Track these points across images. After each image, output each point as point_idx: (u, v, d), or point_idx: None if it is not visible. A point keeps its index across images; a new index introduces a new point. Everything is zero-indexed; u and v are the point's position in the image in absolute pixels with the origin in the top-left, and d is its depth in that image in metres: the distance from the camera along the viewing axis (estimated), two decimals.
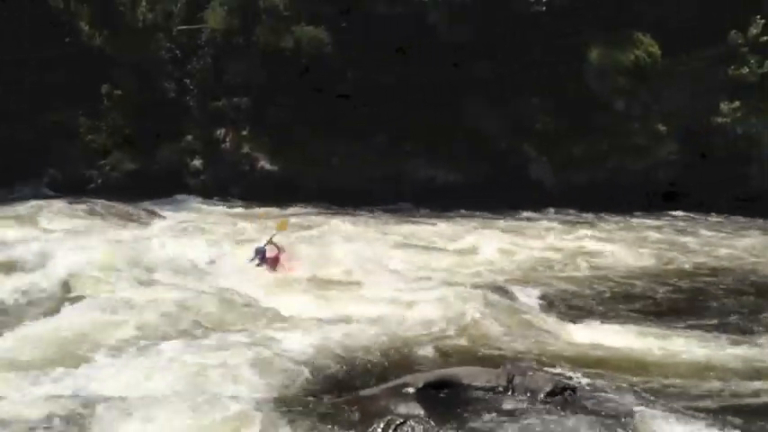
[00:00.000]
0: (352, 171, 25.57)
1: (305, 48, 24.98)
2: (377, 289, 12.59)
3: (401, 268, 14.54)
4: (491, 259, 16.43)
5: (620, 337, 10.93)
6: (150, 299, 10.67)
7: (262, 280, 12.91)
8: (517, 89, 28.15)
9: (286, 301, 11.59)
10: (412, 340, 10.08)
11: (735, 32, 29.73)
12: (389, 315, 11.07)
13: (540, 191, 27.27)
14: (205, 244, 15.88)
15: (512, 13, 27.65)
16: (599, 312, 12.43)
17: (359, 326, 10.47)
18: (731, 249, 19.86)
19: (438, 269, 15.01)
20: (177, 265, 13.57)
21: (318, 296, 12.13)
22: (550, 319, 11.64)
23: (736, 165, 29.87)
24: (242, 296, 11.58)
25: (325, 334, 9.86)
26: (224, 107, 25.56)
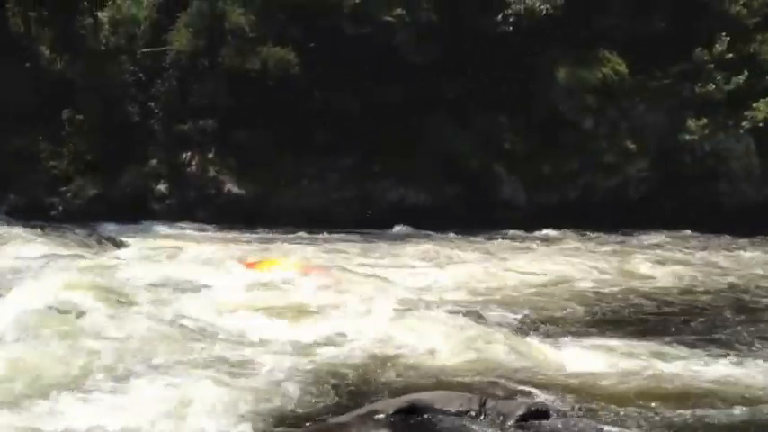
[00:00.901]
0: (321, 192, 25.35)
1: (271, 69, 24.75)
2: (346, 312, 12.27)
3: (371, 291, 14.22)
4: (463, 280, 16.20)
5: (595, 358, 10.78)
6: (115, 329, 10.27)
7: (229, 304, 12.55)
8: (485, 108, 28.11)
9: (254, 325, 11.31)
10: (383, 365, 9.83)
11: (700, 50, 30.06)
12: (359, 339, 10.82)
13: (512, 210, 27.18)
14: (171, 270, 15.55)
15: (479, 32, 27.67)
16: (574, 333, 12.21)
17: (328, 350, 10.22)
18: (704, 266, 19.89)
19: (409, 291, 14.73)
20: (142, 292, 13.17)
21: (287, 320, 11.81)
22: (525, 340, 11.45)
23: (706, 182, 30.12)
24: (209, 322, 11.24)
25: (295, 359, 9.54)
26: (189, 130, 25.21)
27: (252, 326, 11.46)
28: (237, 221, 23.34)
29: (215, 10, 25.01)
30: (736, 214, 29.92)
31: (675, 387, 9.58)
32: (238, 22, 24.90)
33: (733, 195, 30.45)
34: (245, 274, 15.27)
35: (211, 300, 12.92)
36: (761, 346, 11.87)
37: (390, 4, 25.87)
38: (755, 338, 12.33)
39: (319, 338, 10.85)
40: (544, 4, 27.48)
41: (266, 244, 20.05)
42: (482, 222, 25.47)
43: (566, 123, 28.57)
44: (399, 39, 25.85)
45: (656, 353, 11.15)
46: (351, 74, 25.85)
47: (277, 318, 12.04)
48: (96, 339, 9.77)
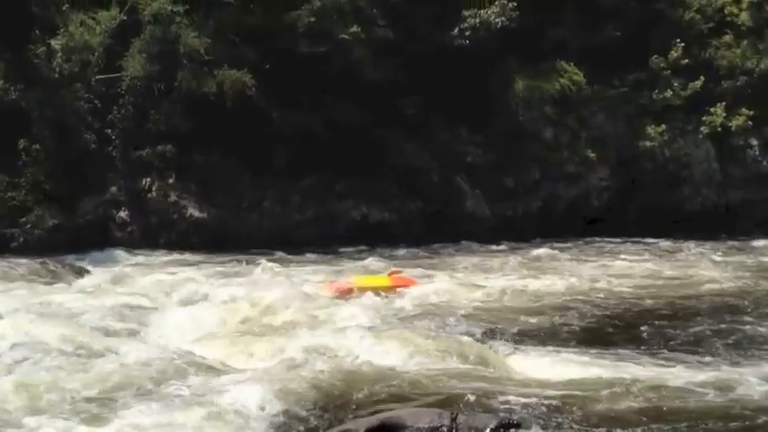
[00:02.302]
0: (284, 214, 25.12)
1: (228, 91, 24.53)
2: (314, 333, 12.14)
3: (334, 311, 14.07)
4: (431, 294, 16.16)
5: (564, 368, 10.76)
6: (81, 362, 10.05)
7: (197, 332, 12.33)
8: (446, 122, 28.15)
9: (224, 352, 11.29)
10: (353, 383, 9.80)
11: (656, 57, 30.40)
12: (328, 359, 10.71)
13: (476, 223, 27.14)
14: (135, 298, 15.30)
15: (436, 46, 27.70)
16: (542, 344, 12.23)
17: (297, 371, 10.12)
18: (669, 272, 20.00)
19: (376, 308, 14.60)
20: (107, 322, 12.93)
21: (255, 343, 11.69)
22: (493, 352, 11.45)
23: (668, 188, 30.36)
24: (178, 350, 11.16)
25: (265, 383, 9.52)
26: (148, 156, 24.85)
27: (219, 350, 11.35)
28: (201, 246, 23.08)
29: (169, 34, 24.71)
30: (698, 219, 30.21)
31: (643, 396, 9.58)
32: (193, 46, 24.61)
33: (695, 200, 30.72)
34: (329, 297, 15.70)
35: (178, 327, 12.76)
36: (725, 352, 11.93)
37: (346, 21, 25.82)
38: (722, 345, 12.40)
39: (286, 359, 10.73)
40: (499, 17, 27.60)
41: (231, 268, 19.85)
42: (446, 236, 25.42)
43: (526, 134, 28.70)
44: (356, 56, 25.78)
45: (621, 361, 11.15)
46: (309, 93, 25.75)
47: (244, 341, 11.90)
48: (67, 374, 9.60)
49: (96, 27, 24.97)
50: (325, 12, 25.69)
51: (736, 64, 30.89)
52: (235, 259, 21.10)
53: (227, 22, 25.68)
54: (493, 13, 27.67)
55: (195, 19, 25.24)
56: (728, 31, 31.55)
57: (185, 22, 24.92)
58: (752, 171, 31.11)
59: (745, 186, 31.15)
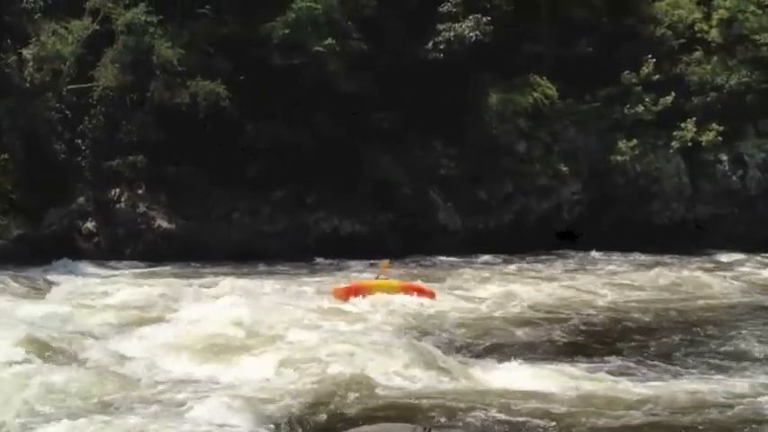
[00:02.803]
0: (253, 225, 24.98)
1: (201, 102, 24.43)
2: (280, 347, 12.09)
3: (305, 324, 14.01)
4: (400, 308, 16.09)
5: (534, 380, 10.80)
6: (42, 378, 9.93)
7: (164, 347, 12.21)
8: (419, 135, 28.19)
9: (192, 366, 11.24)
10: (322, 399, 9.81)
11: (628, 72, 30.63)
12: (294, 374, 10.67)
13: (448, 236, 27.16)
14: (98, 311, 15.11)
15: (410, 60, 27.78)
16: (512, 357, 12.28)
17: (262, 386, 10.10)
18: (639, 286, 20.15)
19: (343, 321, 14.58)
20: (69, 336, 12.78)
21: (220, 358, 11.64)
22: (464, 365, 11.49)
23: (639, 202, 30.56)
24: (148, 363, 11.13)
25: (230, 397, 9.57)
26: (118, 166, 24.64)
27: (188, 365, 11.27)
28: (168, 258, 22.86)
29: (142, 45, 24.61)
30: (668, 233, 30.43)
31: (610, 408, 9.65)
32: (166, 56, 24.50)
33: (664, 215, 30.94)
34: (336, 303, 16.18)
35: (149, 340, 12.64)
36: (694, 364, 12.02)
37: (320, 34, 25.79)
38: (689, 357, 12.50)
39: (256, 374, 10.66)
40: (473, 32, 27.71)
41: (199, 279, 19.70)
42: (419, 249, 25.42)
43: (499, 147, 28.78)
44: (330, 68, 25.76)
45: (599, 374, 11.22)
46: (283, 105, 25.69)
47: (209, 356, 11.81)
48: (31, 384, 9.51)
49: (68, 36, 24.81)
50: (300, 24, 25.67)
51: (707, 80, 31.16)
52: (203, 271, 20.97)
53: (201, 32, 25.63)
54: (467, 27, 27.79)
55: (169, 29, 25.18)
56: (699, 48, 31.84)
57: (159, 32, 24.86)
58: (721, 186, 31.37)
59: (714, 201, 31.41)
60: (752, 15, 31.30)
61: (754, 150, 32.02)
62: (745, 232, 31.17)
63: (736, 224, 31.37)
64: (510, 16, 29.71)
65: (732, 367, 11.84)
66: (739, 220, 31.42)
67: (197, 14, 26.11)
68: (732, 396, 10.18)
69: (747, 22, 31.27)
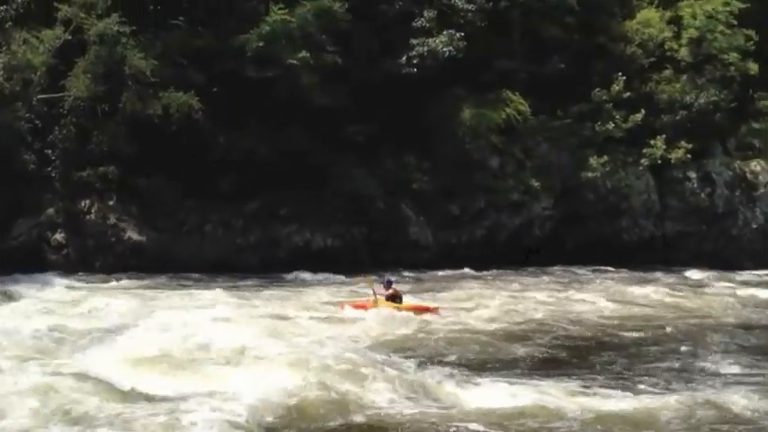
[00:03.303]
0: (226, 238, 24.84)
1: (174, 114, 24.28)
2: (248, 362, 11.94)
3: (275, 339, 13.89)
4: (370, 324, 16.04)
5: (507, 397, 10.76)
6: (8, 389, 9.75)
7: (126, 360, 12.04)
8: (392, 149, 28.25)
9: (154, 381, 11.00)
10: (293, 419, 9.65)
11: (599, 90, 30.96)
12: (263, 388, 10.52)
13: (420, 251, 27.19)
14: (64, 322, 14.91)
15: (384, 73, 27.86)
16: (484, 373, 12.25)
17: (231, 404, 9.90)
18: (608, 302, 20.23)
19: (314, 337, 14.48)
20: (37, 348, 12.59)
21: (180, 373, 11.45)
22: (436, 382, 11.38)
23: (609, 219, 30.83)
24: (107, 377, 10.90)
25: (189, 414, 9.33)
26: (89, 177, 24.43)
27: (151, 380, 11.10)
28: (139, 270, 22.64)
29: (114, 55, 24.41)
30: (636, 249, 30.76)
31: (580, 424, 9.68)
32: (139, 67, 24.33)
33: (633, 231, 31.24)
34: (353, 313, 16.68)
35: (111, 352, 12.47)
36: (663, 381, 12.09)
37: (294, 47, 25.79)
38: (646, 372, 12.60)
39: (219, 391, 10.51)
40: (447, 47, 27.87)
41: (168, 291, 19.54)
42: (391, 263, 25.37)
43: (472, 163, 28.91)
44: (304, 82, 25.74)
45: (572, 391, 11.21)
46: (256, 118, 25.62)
47: (170, 370, 11.67)
48: None
49: (39, 46, 24.53)
50: (274, 37, 25.66)
51: (676, 98, 31.64)
52: (174, 284, 20.79)
53: (174, 44, 25.50)
54: (441, 43, 27.95)
55: (142, 40, 25.01)
56: (668, 66, 32.36)
57: (131, 42, 24.67)
58: (689, 203, 31.80)
59: (682, 218, 31.82)
60: (720, 35, 31.86)
61: (721, 169, 32.55)
62: (712, 250, 31.63)
63: (704, 242, 31.81)
64: (483, 32, 29.95)
65: (708, 384, 11.93)
66: (707, 238, 31.86)
67: (170, 26, 26.00)
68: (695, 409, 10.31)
69: (716, 41, 31.82)
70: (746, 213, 32.36)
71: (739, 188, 32.49)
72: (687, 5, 32.82)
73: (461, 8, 29.17)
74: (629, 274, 26.79)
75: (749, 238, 32.19)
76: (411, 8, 28.82)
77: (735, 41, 31.88)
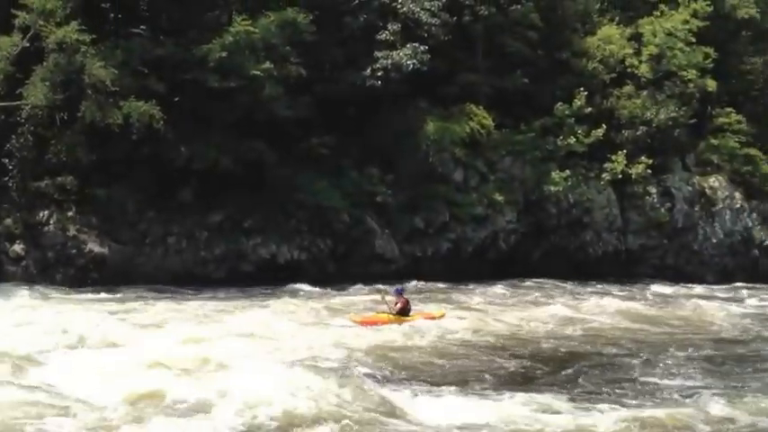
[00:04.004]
0: (190, 250, 24.40)
1: (135, 123, 23.78)
2: (207, 378, 11.65)
3: (235, 352, 13.62)
4: (334, 337, 15.85)
5: (457, 409, 10.69)
6: None
7: (90, 373, 11.68)
8: (357, 162, 28.12)
9: (111, 395, 10.60)
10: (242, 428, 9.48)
11: (561, 104, 31.21)
12: (224, 402, 10.28)
13: (385, 264, 27.05)
14: (21, 336, 14.44)
15: (348, 86, 27.74)
16: (446, 387, 12.14)
17: (186, 421, 9.60)
18: (574, 316, 20.29)
19: (274, 350, 14.27)
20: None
21: (144, 388, 11.09)
22: (396, 396, 11.22)
23: (572, 232, 31.04)
24: (63, 392, 10.62)
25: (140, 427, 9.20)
26: (47, 187, 23.84)
27: (111, 391, 10.78)
28: (101, 283, 22.14)
29: (74, 63, 23.85)
30: (600, 263, 31.00)
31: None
32: (99, 76, 23.79)
33: (597, 245, 31.47)
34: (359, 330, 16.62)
35: (69, 368, 12.10)
36: (612, 394, 12.09)
37: (257, 58, 25.51)
38: (613, 387, 12.58)
39: (175, 407, 10.22)
40: (411, 60, 27.84)
41: (129, 304, 19.09)
42: (356, 276, 25.20)
43: (436, 176, 28.90)
44: (268, 93, 25.44)
45: (529, 405, 11.11)
46: (219, 128, 25.26)
47: (130, 380, 11.35)
48: None
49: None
50: (237, 47, 25.33)
51: (637, 114, 32.05)
52: (136, 297, 20.33)
53: (135, 52, 25.00)
54: (405, 55, 27.90)
55: (102, 48, 24.47)
56: (629, 82, 32.79)
57: (91, 51, 24.12)
58: (650, 218, 32.16)
59: (644, 232, 32.16)
60: (680, 52, 32.38)
61: (681, 184, 33.03)
62: (674, 264, 32.03)
63: (666, 256, 32.18)
64: (447, 46, 30.03)
65: (666, 397, 11.95)
66: (668, 252, 32.24)
67: (131, 34, 25.58)
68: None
69: (675, 58, 32.33)
70: (706, 228, 32.85)
71: (698, 203, 32.98)
72: (647, 23, 33.33)
73: (425, 22, 29.16)
74: (592, 288, 26.97)
75: (710, 252, 32.66)
76: (375, 21, 28.74)
77: (694, 58, 32.41)
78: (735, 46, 36.48)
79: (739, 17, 35.24)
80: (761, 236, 33.56)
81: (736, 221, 33.27)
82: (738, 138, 33.86)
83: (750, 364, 14.92)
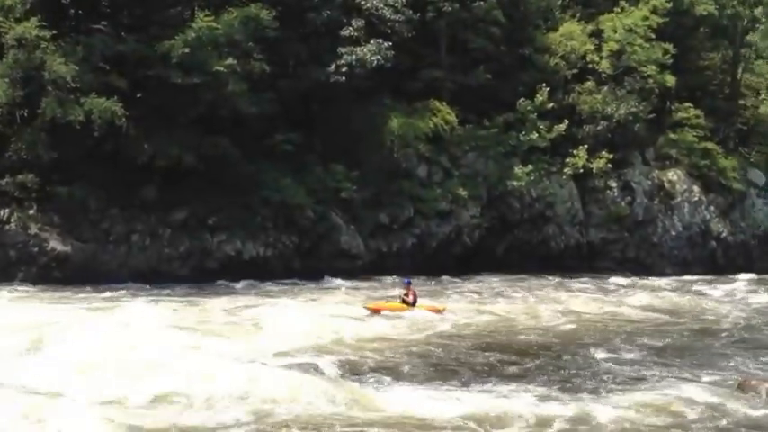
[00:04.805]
0: (153, 248, 24.23)
1: (96, 120, 23.55)
2: (164, 373, 11.61)
3: (197, 347, 13.61)
4: (296, 330, 15.88)
5: (424, 401, 10.79)
6: None
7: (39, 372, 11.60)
8: (322, 158, 28.13)
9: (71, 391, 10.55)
10: (210, 424, 9.48)
11: (523, 100, 31.47)
12: (180, 398, 10.28)
13: (351, 259, 27.10)
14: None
15: (312, 82, 27.73)
16: (405, 378, 12.27)
17: (141, 411, 9.60)
18: (539, 308, 20.54)
19: (238, 343, 14.29)
20: None
21: (98, 383, 11.06)
22: (357, 387, 11.31)
23: (535, 226, 31.36)
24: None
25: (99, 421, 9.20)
26: (7, 185, 23.51)
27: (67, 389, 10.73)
28: (64, 281, 21.88)
29: (33, 60, 23.58)
30: (563, 256, 31.38)
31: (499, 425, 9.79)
32: (59, 72, 23.52)
33: (559, 239, 31.84)
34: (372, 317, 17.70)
35: (23, 365, 12.01)
36: (575, 384, 12.29)
37: (220, 54, 25.38)
38: (573, 377, 12.80)
39: (129, 403, 10.20)
40: (375, 56, 27.91)
41: (92, 303, 18.93)
42: (321, 272, 25.25)
43: (400, 171, 29.01)
44: (231, 89, 25.32)
45: (494, 396, 11.27)
46: (181, 125, 25.11)
47: (94, 378, 11.31)
48: None
49: None
50: (200, 43, 25.15)
51: (597, 109, 32.41)
52: (99, 295, 20.15)
53: (96, 49, 24.74)
54: (369, 52, 27.96)
55: (62, 45, 24.19)
56: (590, 78, 33.14)
57: (52, 47, 23.85)
58: (611, 211, 32.61)
59: (605, 226, 32.60)
60: (639, 48, 32.79)
61: (640, 178, 33.51)
62: (635, 257, 32.50)
63: (627, 249, 32.65)
64: (411, 42, 30.16)
65: (623, 386, 12.19)
66: (629, 245, 32.70)
67: (92, 30, 25.29)
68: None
69: (635, 54, 32.73)
70: (665, 221, 33.37)
71: (658, 197, 33.48)
72: (608, 19, 33.71)
73: (389, 18, 29.26)
74: (555, 281, 27.30)
75: (669, 245, 33.19)
76: (339, 17, 28.75)
77: (653, 54, 32.85)
78: (693, 42, 37.07)
79: (697, 13, 35.75)
80: (718, 228, 34.18)
81: (695, 214, 33.84)
82: (696, 132, 34.39)
83: (702, 351, 15.34)
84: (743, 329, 18.52)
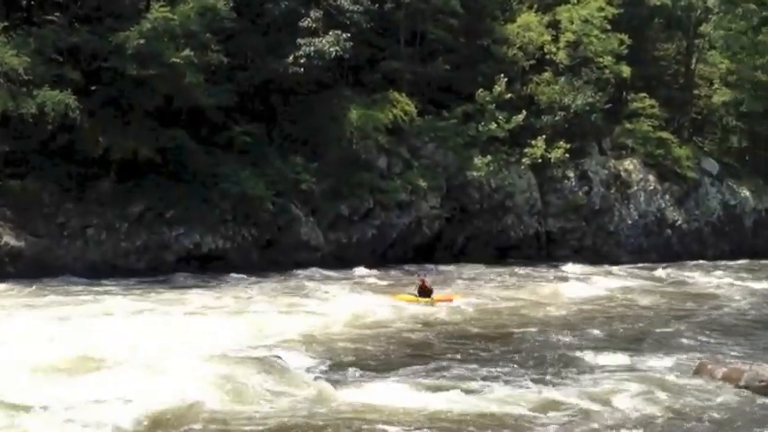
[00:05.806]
0: (109, 242, 23.89)
1: (50, 113, 23.14)
2: (125, 368, 11.51)
3: (161, 341, 13.50)
4: (258, 323, 15.81)
5: (393, 393, 10.80)
6: None
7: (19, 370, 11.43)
8: (279, 150, 27.97)
9: (30, 388, 10.38)
10: (176, 418, 9.43)
11: (482, 91, 31.60)
12: (149, 392, 10.17)
13: (311, 251, 27.01)
14: None
15: (271, 73, 27.56)
16: (373, 371, 12.26)
17: (101, 412, 9.51)
18: (498, 298, 20.70)
19: (201, 336, 14.19)
20: None
21: (59, 379, 10.93)
22: (322, 382, 11.28)
23: (494, 216, 31.57)
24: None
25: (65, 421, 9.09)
26: None
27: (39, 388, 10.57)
28: (17, 276, 21.43)
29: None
30: (522, 245, 31.65)
31: (467, 416, 9.85)
32: (11, 64, 23.03)
33: (518, 228, 32.09)
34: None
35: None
36: (549, 375, 12.41)
37: (177, 45, 25.06)
38: (547, 368, 12.92)
39: (89, 399, 10.05)
40: (333, 47, 27.79)
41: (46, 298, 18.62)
42: (281, 264, 25.14)
43: (360, 163, 28.94)
44: (188, 81, 25.01)
45: (463, 385, 11.32)
46: (138, 117, 24.80)
47: (58, 374, 11.16)
48: None
49: None
50: (156, 34, 24.77)
51: (555, 99, 32.68)
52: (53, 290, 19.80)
53: (48, 40, 24.28)
54: (327, 43, 27.82)
55: (14, 36, 23.69)
56: (548, 69, 33.39)
57: (2, 39, 23.34)
58: (568, 201, 32.94)
59: (563, 215, 32.93)
60: (596, 39, 33.12)
61: (597, 168, 33.89)
62: (592, 245, 32.89)
63: (584, 237, 33.02)
64: (369, 34, 30.10)
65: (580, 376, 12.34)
66: (586, 234, 33.08)
67: (45, 21, 24.80)
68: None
69: (591, 45, 33.06)
70: (621, 210, 33.80)
71: (614, 186, 33.90)
72: (565, 10, 33.98)
73: (347, 9, 29.17)
74: (513, 270, 27.47)
75: (625, 233, 33.63)
76: (297, 8, 28.56)
77: (609, 45, 33.20)
78: (648, 32, 37.56)
79: (652, 4, 36.22)
80: (673, 216, 34.71)
81: (650, 203, 34.32)
82: (651, 122, 34.85)
83: (663, 336, 15.59)
84: (701, 314, 18.90)
